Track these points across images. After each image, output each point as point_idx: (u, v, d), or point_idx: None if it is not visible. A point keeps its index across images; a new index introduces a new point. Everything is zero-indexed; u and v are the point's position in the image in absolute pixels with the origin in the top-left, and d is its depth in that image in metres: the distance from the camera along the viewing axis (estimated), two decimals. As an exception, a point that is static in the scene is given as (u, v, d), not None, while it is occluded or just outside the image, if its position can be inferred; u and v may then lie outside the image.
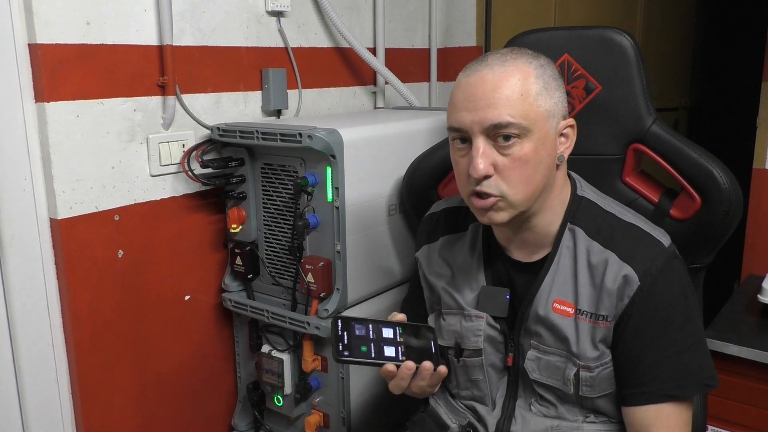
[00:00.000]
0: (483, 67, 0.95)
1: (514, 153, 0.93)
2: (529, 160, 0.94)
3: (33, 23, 1.24)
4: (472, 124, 0.93)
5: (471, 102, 0.94)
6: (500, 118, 0.92)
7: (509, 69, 0.94)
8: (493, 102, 0.92)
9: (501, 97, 0.92)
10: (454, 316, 1.12)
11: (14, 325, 1.31)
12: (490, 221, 0.98)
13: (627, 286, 0.96)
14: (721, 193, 1.12)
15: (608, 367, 1.00)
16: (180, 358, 1.60)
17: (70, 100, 1.31)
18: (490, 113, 0.92)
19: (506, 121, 0.92)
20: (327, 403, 1.53)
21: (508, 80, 0.93)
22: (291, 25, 1.77)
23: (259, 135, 1.41)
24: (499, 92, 0.92)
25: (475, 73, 0.95)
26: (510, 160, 0.94)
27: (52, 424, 1.38)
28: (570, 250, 1.02)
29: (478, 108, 0.93)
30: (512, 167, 0.94)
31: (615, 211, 1.04)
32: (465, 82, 0.96)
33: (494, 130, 0.93)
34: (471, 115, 0.93)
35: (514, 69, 0.94)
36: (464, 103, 0.95)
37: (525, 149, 0.93)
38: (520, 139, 0.93)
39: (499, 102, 0.92)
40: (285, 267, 1.52)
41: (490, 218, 0.98)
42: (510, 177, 0.94)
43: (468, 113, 0.94)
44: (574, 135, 1.02)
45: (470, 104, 0.94)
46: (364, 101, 2.05)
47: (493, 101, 0.92)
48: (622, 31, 1.21)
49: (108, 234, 1.40)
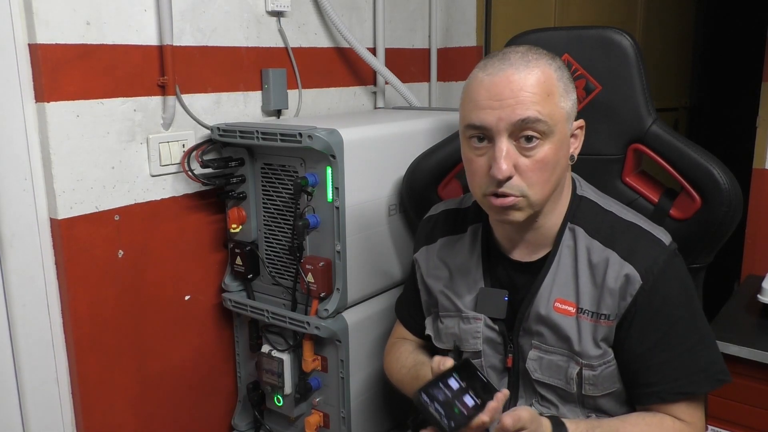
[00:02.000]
0: (507, 66, 0.94)
1: (536, 155, 0.93)
2: (549, 162, 0.94)
3: (33, 23, 1.24)
4: (498, 121, 0.92)
5: (497, 100, 0.92)
6: (529, 113, 0.91)
7: (533, 69, 0.94)
8: (521, 100, 0.92)
9: (529, 94, 0.92)
10: (452, 319, 1.12)
11: (14, 325, 1.31)
12: (506, 220, 0.98)
13: (629, 285, 0.96)
14: (721, 193, 1.12)
15: (611, 366, 1.00)
16: (180, 358, 1.60)
17: (70, 100, 1.31)
18: (519, 110, 0.91)
19: (535, 116, 0.91)
20: (327, 403, 1.53)
21: (536, 79, 0.93)
22: (291, 25, 1.77)
23: (259, 135, 1.41)
24: (526, 90, 0.92)
25: (499, 72, 0.94)
26: (532, 162, 0.93)
27: (52, 424, 1.38)
28: (570, 250, 1.02)
29: (504, 106, 0.92)
30: (534, 169, 0.94)
31: (615, 210, 1.04)
32: (489, 81, 0.94)
33: (521, 127, 0.92)
34: (497, 112, 0.92)
35: (538, 69, 0.94)
36: (488, 102, 0.93)
37: (546, 151, 0.93)
38: (542, 141, 0.93)
39: (527, 99, 0.92)
40: (285, 267, 1.52)
41: (510, 216, 0.97)
42: (531, 178, 0.94)
43: (493, 111, 0.92)
44: (582, 135, 1.03)
45: (496, 102, 0.92)
46: (364, 101, 2.05)
47: (522, 99, 0.92)
48: (622, 31, 1.21)
49: (108, 234, 1.40)
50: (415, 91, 2.17)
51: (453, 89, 2.31)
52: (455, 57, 2.29)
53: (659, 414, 1.00)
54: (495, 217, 1.01)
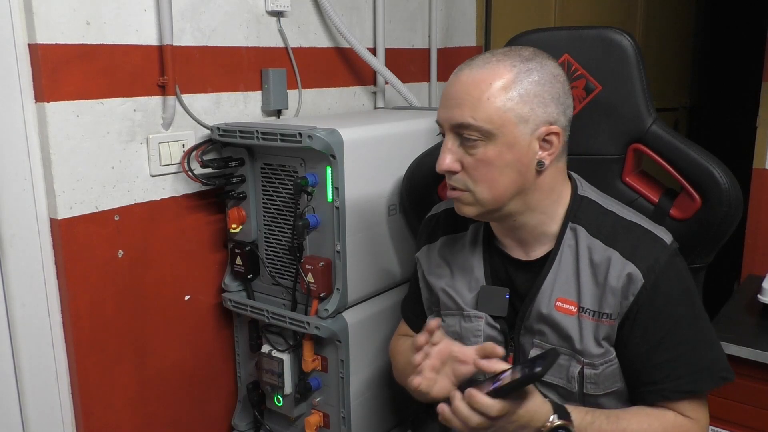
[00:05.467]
0: (466, 67, 0.98)
1: (477, 154, 0.97)
2: (492, 163, 0.96)
3: (33, 23, 1.24)
4: (443, 121, 0.99)
5: (446, 100, 0.99)
6: (462, 119, 0.95)
7: (486, 72, 0.95)
8: (460, 102, 0.96)
9: (468, 98, 0.95)
10: (453, 317, 1.12)
11: (14, 324, 1.31)
12: (460, 212, 1.03)
13: (631, 284, 0.97)
14: (721, 193, 1.12)
15: (612, 365, 1.00)
16: (180, 358, 1.60)
17: (70, 100, 1.31)
18: (456, 113, 0.96)
19: (467, 122, 0.95)
20: (327, 403, 1.53)
21: (480, 83, 0.95)
22: (291, 25, 1.77)
23: (259, 135, 1.41)
24: (467, 94, 0.95)
25: (458, 72, 0.99)
26: (473, 160, 0.97)
27: (52, 424, 1.38)
28: (572, 249, 1.02)
29: (449, 106, 0.97)
30: (476, 167, 0.97)
31: (616, 210, 1.04)
32: (450, 79, 1.00)
33: (459, 129, 0.97)
34: (444, 112, 0.99)
35: (491, 72, 0.95)
36: (443, 100, 0.99)
37: (488, 152, 0.96)
38: (484, 142, 0.96)
39: (465, 103, 0.95)
40: (285, 267, 1.52)
41: (459, 210, 1.03)
42: (474, 176, 0.98)
43: (442, 110, 0.99)
44: (559, 142, 0.98)
45: (445, 101, 0.99)
46: (364, 101, 2.05)
47: (461, 102, 0.95)
48: (622, 31, 1.21)
49: (108, 234, 1.40)
50: (415, 91, 2.17)
51: (453, 89, 2.30)
52: (455, 57, 2.29)
53: (661, 408, 1.00)
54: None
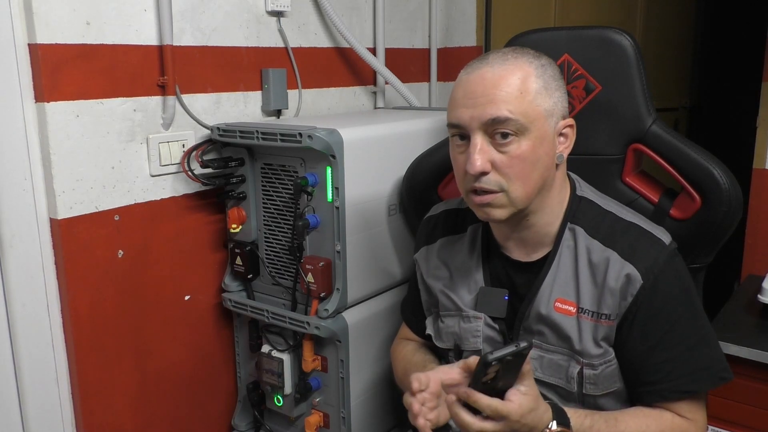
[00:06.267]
0: (483, 65, 0.96)
1: (511, 151, 0.94)
2: (527, 158, 0.94)
3: (33, 23, 1.24)
4: (470, 120, 0.94)
5: (470, 99, 0.94)
6: (499, 113, 0.92)
7: (509, 67, 0.95)
8: (492, 98, 0.93)
9: (500, 93, 0.93)
10: (452, 318, 1.12)
11: (14, 325, 1.31)
12: (488, 217, 0.99)
13: (630, 284, 0.97)
14: (721, 193, 1.12)
15: (611, 365, 1.00)
16: (180, 358, 1.60)
17: (70, 100, 1.31)
18: (489, 108, 0.93)
19: (505, 116, 0.92)
20: (327, 403, 1.53)
21: (508, 78, 0.94)
22: (291, 25, 1.77)
23: (259, 135, 1.41)
24: (498, 89, 0.93)
25: (475, 71, 0.96)
26: (507, 157, 0.94)
27: (52, 424, 1.38)
28: (571, 249, 1.02)
29: (477, 104, 0.94)
30: (510, 164, 0.94)
31: (615, 211, 1.04)
32: (465, 79, 0.97)
33: (492, 126, 0.93)
34: (470, 111, 0.94)
35: (515, 67, 0.95)
36: (463, 100, 0.95)
37: (522, 147, 0.94)
38: (518, 137, 0.94)
39: (498, 98, 0.93)
40: (285, 267, 1.52)
41: (489, 214, 0.98)
42: (509, 174, 0.95)
43: (467, 109, 0.95)
44: (573, 135, 1.02)
45: (469, 101, 0.94)
46: (364, 101, 2.05)
47: (493, 97, 0.93)
48: (622, 31, 1.21)
49: (108, 234, 1.40)
50: (415, 91, 2.17)
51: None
52: (455, 57, 2.29)
53: (659, 408, 1.00)
54: (478, 215, 1.01)
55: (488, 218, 0.99)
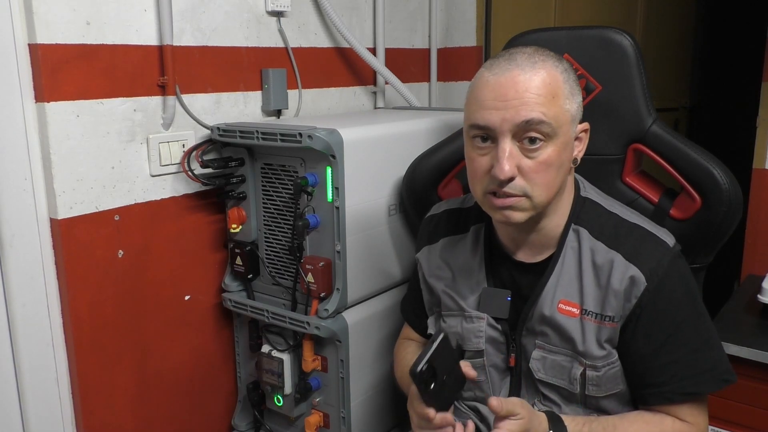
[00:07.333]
0: (513, 67, 0.93)
1: (539, 156, 0.93)
2: (553, 164, 0.94)
3: (33, 23, 1.24)
4: (502, 122, 0.92)
5: (501, 101, 0.92)
6: (533, 115, 0.90)
7: (539, 71, 0.93)
8: (526, 101, 0.91)
9: (534, 97, 0.91)
10: (454, 318, 1.12)
11: (14, 325, 1.31)
12: (506, 220, 0.97)
13: (634, 287, 0.96)
14: (721, 193, 1.12)
15: (614, 367, 1.00)
16: (180, 358, 1.60)
17: (70, 100, 1.31)
18: (523, 111, 0.91)
19: (539, 118, 0.91)
20: (327, 403, 1.53)
21: (541, 81, 0.92)
22: (291, 25, 1.77)
23: (259, 135, 1.41)
24: (529, 92, 0.91)
25: (505, 73, 0.93)
26: (535, 163, 0.93)
27: (52, 424, 1.38)
28: (575, 251, 1.02)
29: (509, 107, 0.91)
30: (537, 170, 0.93)
31: (619, 212, 1.04)
32: (494, 81, 0.93)
33: (525, 128, 0.91)
34: (501, 113, 0.92)
35: (544, 71, 0.93)
36: (493, 102, 0.93)
37: (549, 152, 0.93)
38: (546, 142, 0.93)
39: (531, 101, 0.91)
40: (285, 267, 1.52)
41: (509, 217, 0.96)
42: (535, 179, 0.93)
43: (498, 111, 0.92)
44: (587, 138, 1.02)
45: (500, 103, 0.92)
46: (364, 101, 2.05)
47: (527, 100, 0.91)
48: (622, 31, 1.21)
49: (108, 234, 1.40)
50: (415, 91, 2.17)
51: (453, 89, 2.31)
52: (455, 57, 2.29)
53: (660, 413, 1.00)
54: (495, 218, 1.00)
55: (506, 221, 0.97)
